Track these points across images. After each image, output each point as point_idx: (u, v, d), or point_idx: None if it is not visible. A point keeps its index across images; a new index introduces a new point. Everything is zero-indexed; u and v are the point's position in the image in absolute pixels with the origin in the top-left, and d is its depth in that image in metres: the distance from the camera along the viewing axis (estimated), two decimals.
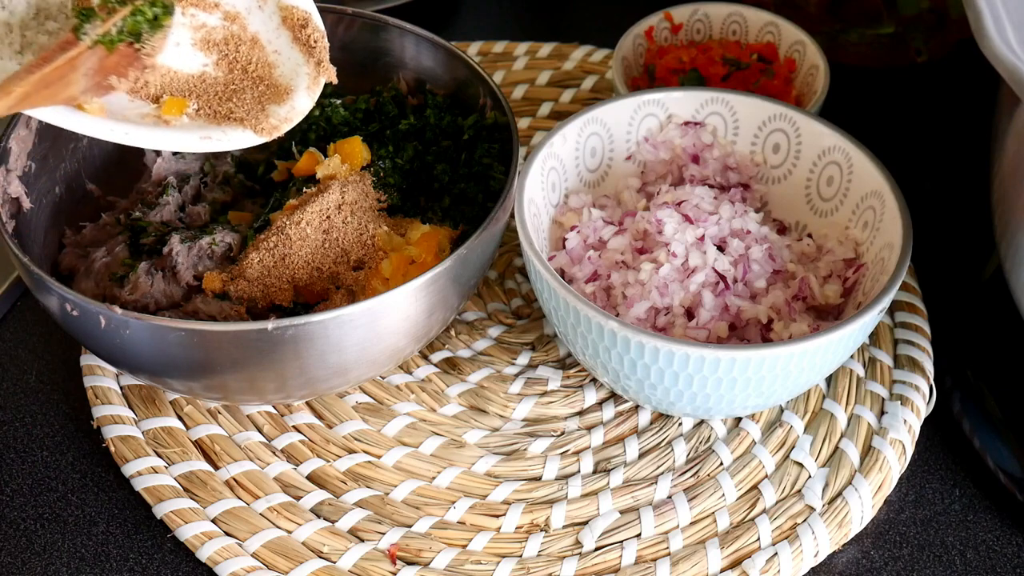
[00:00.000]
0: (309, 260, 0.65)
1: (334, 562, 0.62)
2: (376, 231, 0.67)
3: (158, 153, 0.75)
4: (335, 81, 0.66)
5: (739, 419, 0.69)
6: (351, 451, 0.67)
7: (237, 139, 0.63)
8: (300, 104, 0.65)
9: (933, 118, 0.89)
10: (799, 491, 0.65)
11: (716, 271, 0.65)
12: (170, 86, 0.64)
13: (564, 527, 0.64)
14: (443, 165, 0.72)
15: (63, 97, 0.59)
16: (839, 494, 0.65)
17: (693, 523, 0.64)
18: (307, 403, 0.69)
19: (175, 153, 0.75)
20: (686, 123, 0.73)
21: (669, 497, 0.65)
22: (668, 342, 0.58)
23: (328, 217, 0.66)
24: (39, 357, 0.74)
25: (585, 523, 0.64)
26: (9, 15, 0.63)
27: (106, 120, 0.61)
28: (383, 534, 0.63)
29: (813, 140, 0.71)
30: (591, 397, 0.70)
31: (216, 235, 0.67)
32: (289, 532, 0.63)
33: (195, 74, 0.64)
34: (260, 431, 0.68)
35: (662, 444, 0.68)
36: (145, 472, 0.65)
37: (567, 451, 0.68)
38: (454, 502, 0.65)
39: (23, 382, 0.72)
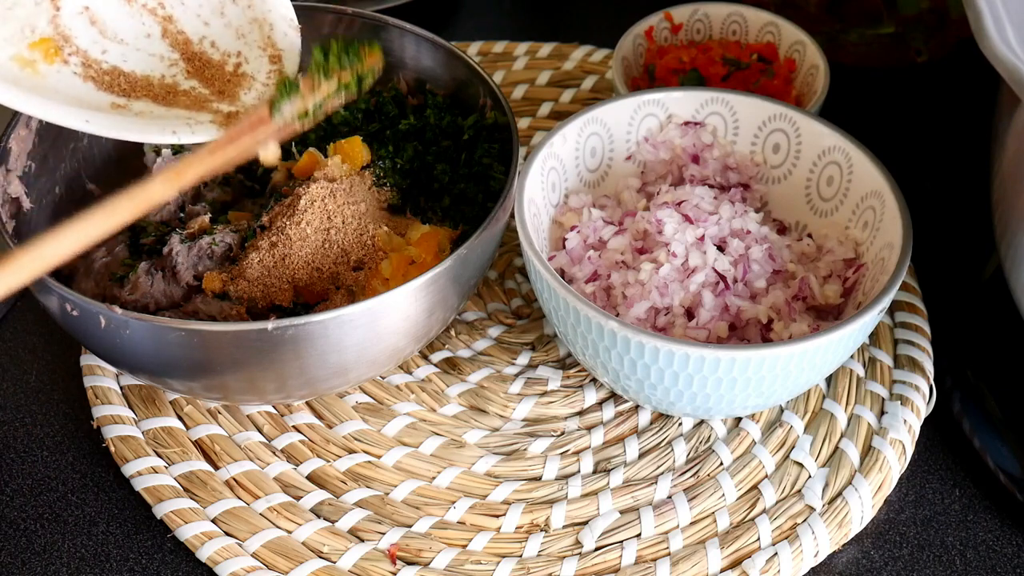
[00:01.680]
0: (309, 260, 0.65)
1: (334, 562, 0.62)
2: (376, 231, 0.67)
3: (158, 153, 0.75)
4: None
5: (739, 419, 0.69)
6: (351, 451, 0.67)
7: (204, 132, 0.63)
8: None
9: (933, 118, 0.89)
10: (799, 491, 0.65)
11: (716, 271, 0.65)
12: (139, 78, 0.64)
13: (564, 527, 0.64)
14: (443, 165, 0.72)
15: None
16: (839, 494, 0.65)
17: (693, 523, 0.64)
18: (307, 403, 0.69)
19: (175, 153, 0.75)
20: (686, 123, 0.73)
21: (669, 497, 0.65)
22: (668, 342, 0.58)
23: (328, 217, 0.66)
24: (39, 357, 0.74)
25: (585, 523, 0.64)
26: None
27: (66, 105, 0.60)
28: (383, 534, 0.63)
29: (813, 140, 0.71)
30: (591, 397, 0.70)
31: (216, 235, 0.67)
32: (289, 532, 0.63)
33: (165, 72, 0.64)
34: (260, 431, 0.68)
35: (662, 444, 0.68)
36: (145, 472, 0.65)
37: (567, 451, 0.68)
38: (454, 502, 0.65)
39: (23, 382, 0.72)
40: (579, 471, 0.67)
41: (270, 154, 0.59)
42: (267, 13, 0.65)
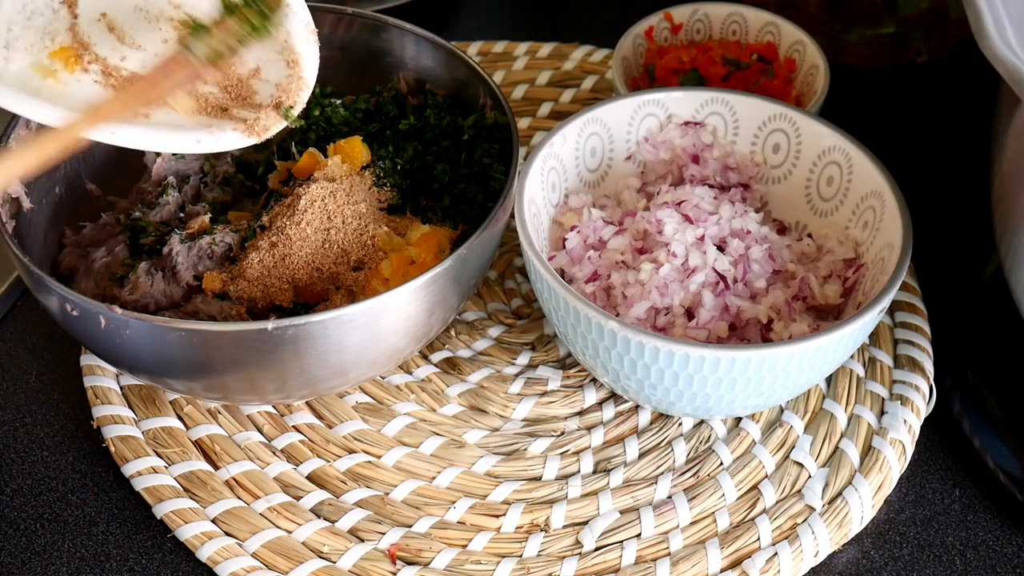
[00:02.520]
0: (309, 260, 0.65)
1: (334, 562, 0.62)
2: (376, 231, 0.67)
3: (158, 153, 0.75)
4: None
5: (739, 419, 0.69)
6: (351, 451, 0.67)
7: (228, 140, 0.63)
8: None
9: (933, 118, 0.89)
10: (799, 491, 0.65)
11: (716, 271, 0.65)
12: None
13: (564, 527, 0.64)
14: (443, 165, 0.72)
15: (154, 104, 0.59)
16: (839, 494, 0.65)
17: (693, 523, 0.64)
18: (307, 403, 0.69)
19: (175, 153, 0.75)
20: (686, 123, 0.73)
21: (669, 497, 0.65)
22: (668, 342, 0.58)
23: (328, 217, 0.66)
24: (39, 357, 0.74)
25: (585, 523, 0.64)
26: None
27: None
28: (383, 534, 0.63)
29: (813, 140, 0.71)
30: (591, 397, 0.70)
31: (216, 235, 0.67)
32: (289, 532, 0.63)
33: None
34: (260, 431, 0.68)
35: (662, 444, 0.68)
36: (145, 472, 0.65)
37: (567, 451, 0.68)
38: (454, 502, 0.65)
39: (23, 382, 0.72)
40: (579, 471, 0.67)
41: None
42: (285, 18, 0.65)
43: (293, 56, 0.66)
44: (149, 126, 0.62)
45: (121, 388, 0.70)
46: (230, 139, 0.63)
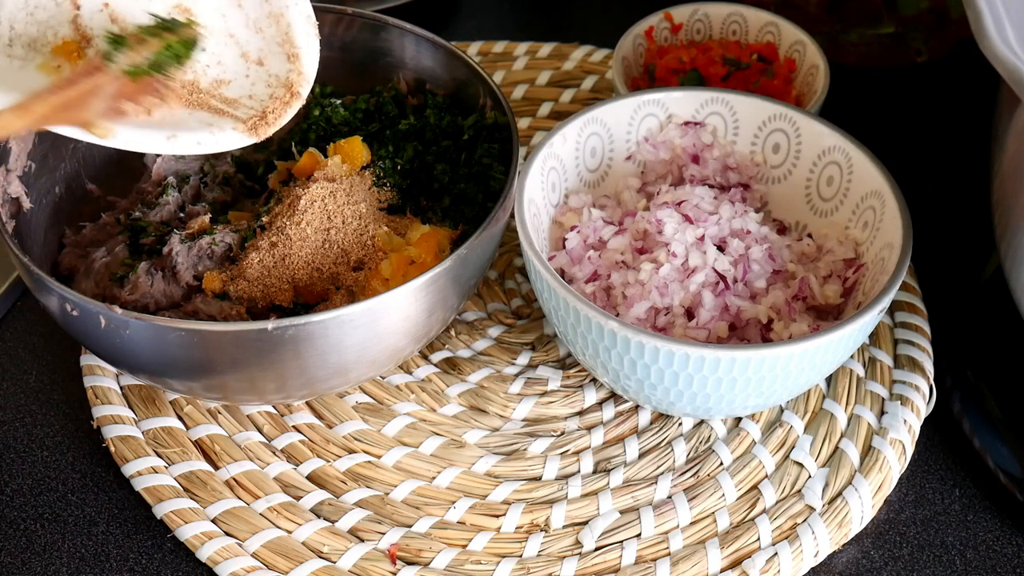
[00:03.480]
0: (309, 260, 0.65)
1: (334, 562, 0.62)
2: (376, 231, 0.67)
3: (158, 152, 0.75)
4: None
5: (739, 419, 0.69)
6: (351, 451, 0.67)
7: (227, 140, 0.63)
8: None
9: (933, 118, 0.89)
10: (799, 491, 0.65)
11: (716, 271, 0.65)
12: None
13: (564, 527, 0.64)
14: (443, 165, 0.72)
15: (79, 119, 0.59)
16: (839, 494, 0.65)
17: (693, 523, 0.64)
18: (307, 403, 0.69)
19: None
20: (686, 123, 0.73)
21: (669, 497, 0.65)
22: (668, 342, 0.58)
23: (328, 217, 0.66)
24: (39, 357, 0.74)
25: (585, 523, 0.64)
26: None
27: None
28: (383, 534, 0.63)
29: (813, 140, 0.71)
30: (591, 397, 0.70)
31: (216, 235, 0.67)
32: (289, 532, 0.63)
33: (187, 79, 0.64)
34: (260, 431, 0.68)
35: (662, 444, 0.68)
36: (145, 472, 0.65)
37: (567, 451, 0.68)
38: (454, 502, 0.65)
39: (23, 382, 0.72)
40: (579, 471, 0.67)
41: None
42: (285, 9, 0.65)
43: (293, 50, 0.66)
44: (149, 124, 0.62)
45: (121, 388, 0.70)
46: (230, 139, 0.63)
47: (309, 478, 0.66)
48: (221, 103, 0.64)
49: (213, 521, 0.63)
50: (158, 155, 0.74)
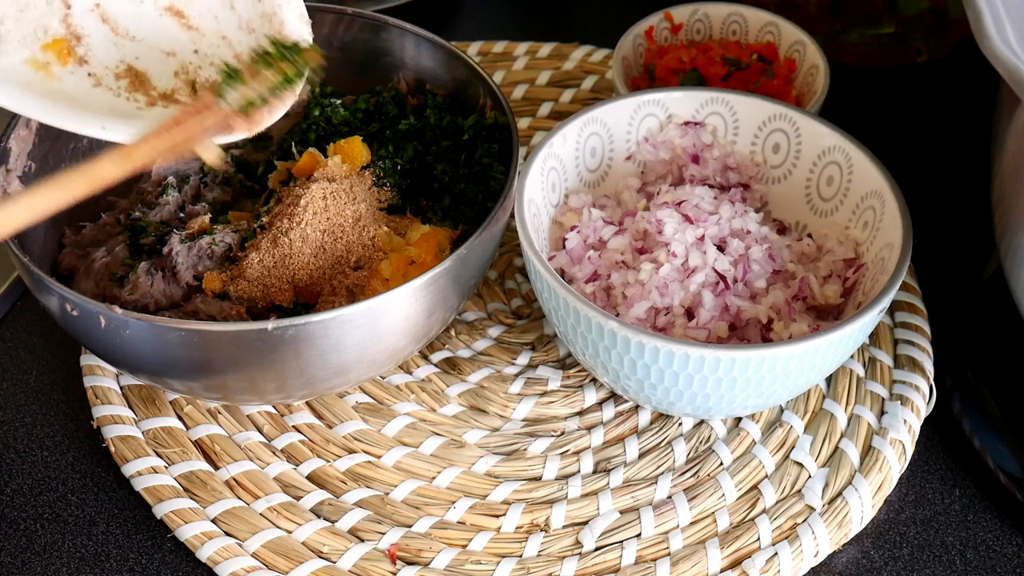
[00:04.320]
0: (309, 260, 0.65)
1: (334, 562, 0.62)
2: (376, 231, 0.67)
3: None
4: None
5: (739, 419, 0.69)
6: (351, 451, 0.67)
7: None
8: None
9: (933, 118, 0.89)
10: (799, 491, 0.65)
11: (716, 271, 0.65)
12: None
13: (564, 527, 0.64)
14: (443, 165, 0.72)
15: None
16: (839, 494, 0.65)
17: (693, 523, 0.64)
18: (307, 403, 0.69)
19: None
20: (686, 123, 0.73)
21: (669, 497, 0.65)
22: (668, 342, 0.58)
23: (328, 217, 0.66)
24: (39, 357, 0.74)
25: (585, 523, 0.64)
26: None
27: (80, 111, 0.60)
28: (383, 534, 0.63)
29: (813, 140, 0.71)
30: (591, 397, 0.70)
31: (216, 235, 0.67)
32: (289, 532, 0.63)
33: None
34: (260, 431, 0.68)
35: (662, 444, 0.68)
36: (145, 472, 0.65)
37: (567, 451, 0.68)
38: (454, 502, 0.65)
39: (23, 382, 0.72)
40: (579, 471, 0.67)
41: (212, 155, 0.60)
42: (278, 8, 0.65)
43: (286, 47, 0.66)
44: (141, 118, 0.61)
45: (121, 388, 0.70)
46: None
47: (309, 478, 0.66)
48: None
49: (213, 521, 0.63)
50: None
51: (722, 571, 0.62)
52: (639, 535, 0.63)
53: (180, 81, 0.65)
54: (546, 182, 0.69)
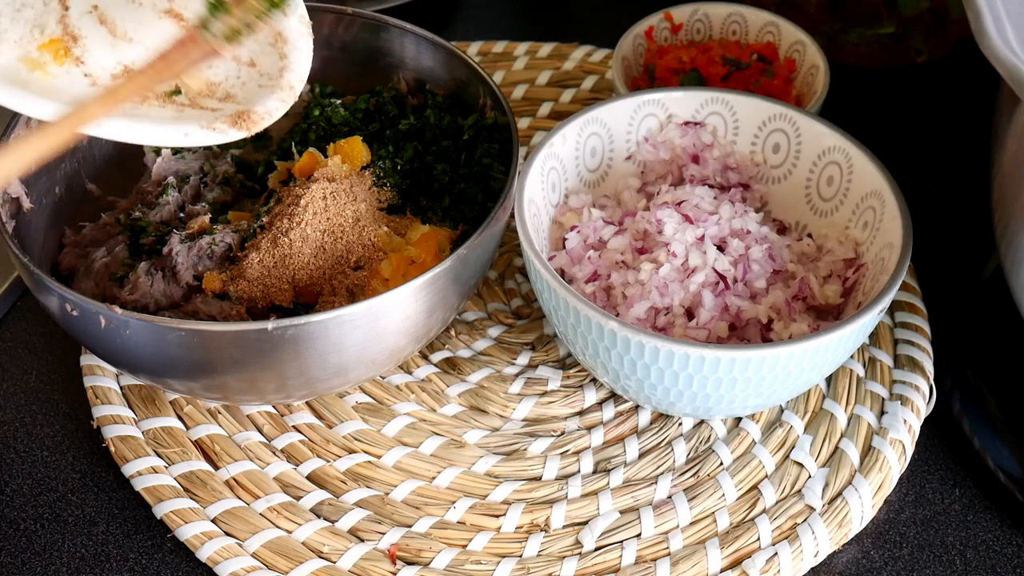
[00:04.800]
0: (309, 260, 0.65)
1: (334, 562, 0.62)
2: (376, 231, 0.67)
3: (158, 153, 0.75)
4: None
5: (739, 419, 0.69)
6: (351, 451, 0.67)
7: (216, 136, 0.62)
8: (274, 106, 0.64)
9: (933, 118, 0.89)
10: (799, 491, 0.65)
11: (716, 271, 0.65)
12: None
13: (564, 527, 0.64)
14: (443, 165, 0.72)
15: (170, 81, 0.58)
16: (839, 494, 0.65)
17: (693, 523, 0.64)
18: (307, 403, 0.70)
19: (175, 153, 0.75)
20: (686, 123, 0.73)
21: (669, 497, 0.65)
22: (668, 342, 0.58)
23: (328, 217, 0.66)
24: (39, 357, 0.74)
25: (585, 523, 0.64)
26: None
27: (74, 106, 0.60)
28: (383, 534, 0.63)
29: (813, 140, 0.71)
30: (591, 397, 0.70)
31: (216, 235, 0.67)
32: (289, 532, 0.63)
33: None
34: (260, 431, 0.68)
35: (662, 444, 0.68)
36: (145, 472, 0.65)
37: (567, 451, 0.68)
38: (454, 502, 0.65)
39: (23, 382, 0.72)
40: (579, 471, 0.67)
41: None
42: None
43: (285, 49, 0.66)
44: (136, 117, 0.61)
45: (121, 388, 0.70)
46: (220, 133, 0.62)
47: (309, 478, 0.66)
48: (215, 104, 0.64)
49: (213, 521, 0.63)
50: (158, 155, 0.74)
51: (722, 571, 0.62)
52: (639, 535, 0.63)
53: (177, 82, 0.65)
54: (546, 182, 0.69)
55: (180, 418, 0.69)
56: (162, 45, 0.60)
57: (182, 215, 0.72)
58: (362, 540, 0.63)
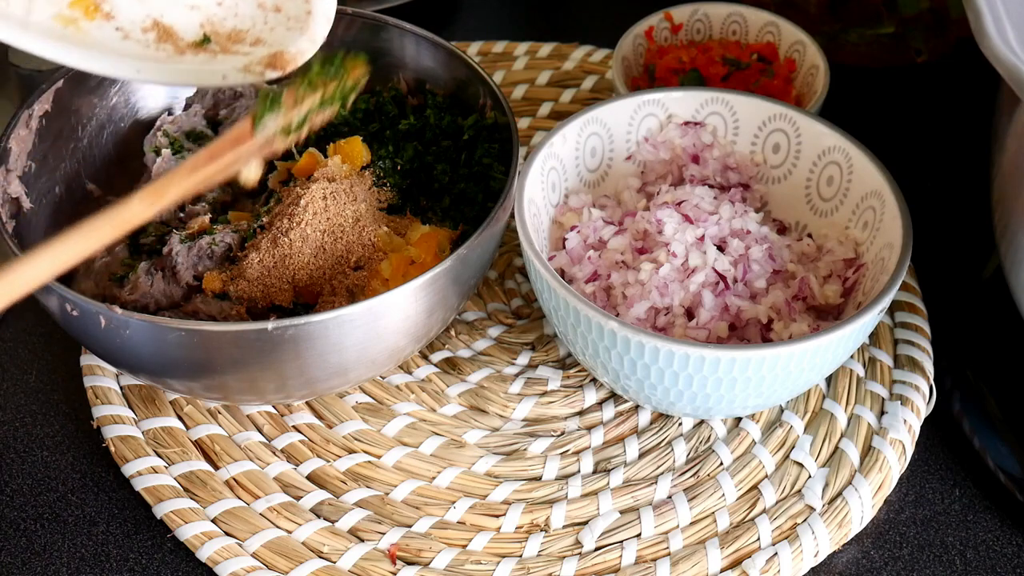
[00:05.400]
0: (309, 260, 0.65)
1: (334, 562, 0.62)
2: (376, 231, 0.67)
3: (158, 153, 0.75)
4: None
5: (739, 419, 0.69)
6: (351, 451, 0.67)
7: (252, 75, 0.62)
8: (305, 46, 0.63)
9: (933, 118, 0.89)
10: (799, 491, 0.65)
11: (716, 271, 0.65)
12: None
13: (564, 527, 0.64)
14: (443, 165, 0.72)
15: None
16: (839, 494, 0.65)
17: (693, 523, 0.64)
18: (307, 403, 0.70)
19: (175, 153, 0.75)
20: (686, 123, 0.73)
21: (669, 497, 0.65)
22: (668, 342, 0.58)
23: (328, 217, 0.66)
24: (39, 357, 0.74)
25: (585, 523, 0.64)
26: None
27: (112, 56, 0.60)
28: (383, 534, 0.63)
29: (813, 140, 0.71)
30: (591, 397, 0.70)
31: (216, 235, 0.67)
32: (289, 532, 0.63)
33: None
34: (260, 431, 0.68)
35: (662, 444, 0.68)
36: (145, 472, 0.65)
37: (567, 451, 0.68)
38: (454, 502, 0.65)
39: (23, 382, 0.72)
40: (579, 471, 0.67)
41: (251, 174, 0.59)
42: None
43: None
44: (173, 63, 0.61)
45: (121, 388, 0.70)
46: (255, 73, 0.62)
47: (309, 478, 0.66)
48: (246, 49, 0.64)
49: (213, 521, 0.63)
50: (158, 155, 0.74)
51: (722, 571, 0.62)
52: (639, 535, 0.63)
53: (206, 32, 0.64)
54: (546, 182, 0.69)
55: (180, 418, 0.69)
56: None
57: (182, 215, 0.72)
58: (362, 540, 0.63)
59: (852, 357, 0.71)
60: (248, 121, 0.58)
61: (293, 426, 0.68)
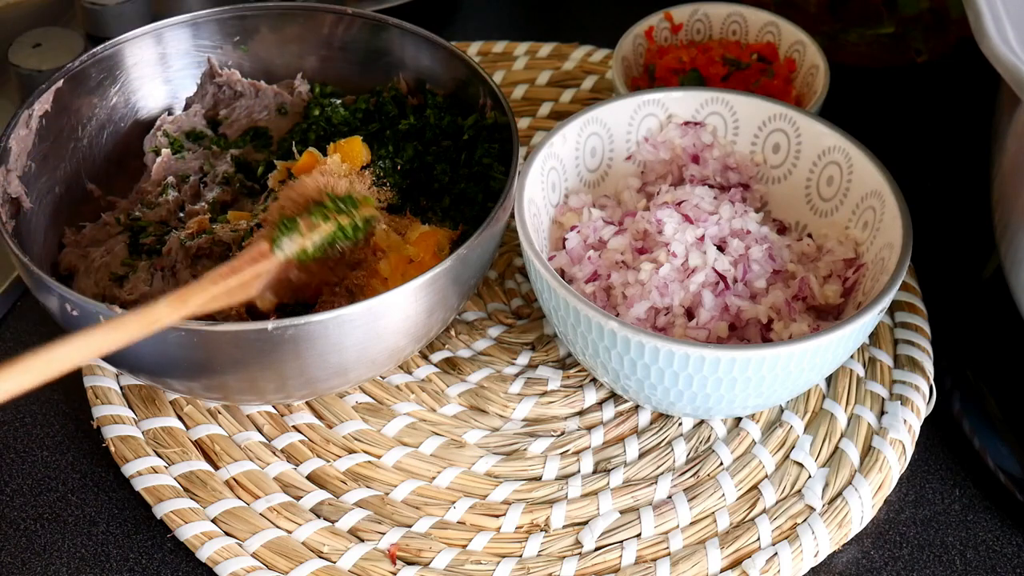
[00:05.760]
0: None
1: (334, 562, 0.62)
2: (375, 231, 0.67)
3: (158, 153, 0.75)
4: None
5: (739, 419, 0.69)
6: (351, 451, 0.67)
7: None
8: None
9: (933, 118, 0.89)
10: (799, 491, 0.65)
11: (716, 271, 0.65)
12: None
13: (564, 527, 0.64)
14: (443, 165, 0.72)
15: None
16: (839, 494, 0.65)
17: (693, 523, 0.64)
18: (307, 403, 0.69)
19: (175, 153, 0.75)
20: (686, 123, 0.73)
21: (669, 497, 0.65)
22: (668, 342, 0.58)
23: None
24: None
25: (585, 523, 0.64)
26: None
27: None
28: (383, 534, 0.63)
29: (813, 140, 0.71)
30: (591, 397, 0.70)
31: (216, 235, 0.67)
32: (289, 532, 0.63)
33: None
34: (260, 431, 0.68)
35: (662, 444, 0.68)
36: (145, 472, 0.65)
37: (567, 451, 0.68)
38: (454, 502, 0.65)
39: None
40: (579, 471, 0.67)
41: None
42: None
43: None
44: None
45: (121, 388, 0.70)
46: None
47: (309, 478, 0.66)
48: None
49: (213, 521, 0.63)
50: (158, 155, 0.74)
51: (722, 571, 0.62)
52: (639, 535, 0.63)
53: None
54: (546, 182, 0.69)
55: (180, 418, 0.69)
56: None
57: (182, 215, 0.72)
58: (362, 540, 0.63)
59: (852, 357, 0.71)
60: (266, 242, 0.60)
61: (293, 426, 0.68)
